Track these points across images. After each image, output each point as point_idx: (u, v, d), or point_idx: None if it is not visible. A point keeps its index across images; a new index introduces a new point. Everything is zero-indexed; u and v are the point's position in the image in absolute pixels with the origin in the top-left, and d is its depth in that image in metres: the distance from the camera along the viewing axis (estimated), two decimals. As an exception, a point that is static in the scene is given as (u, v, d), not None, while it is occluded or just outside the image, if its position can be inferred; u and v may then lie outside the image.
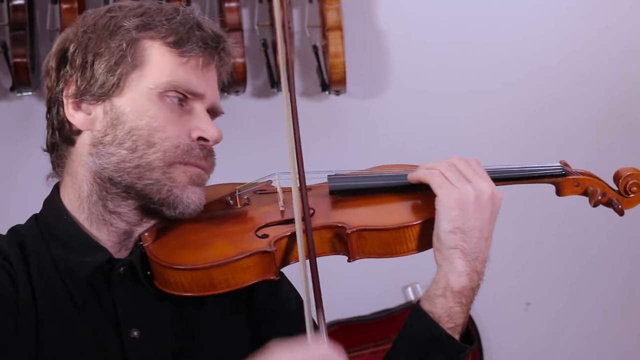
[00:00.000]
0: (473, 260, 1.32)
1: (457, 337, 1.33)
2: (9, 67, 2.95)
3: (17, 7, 2.90)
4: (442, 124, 3.28)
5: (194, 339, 1.38)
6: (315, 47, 3.13)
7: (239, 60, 3.02)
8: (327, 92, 3.16)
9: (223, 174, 1.48)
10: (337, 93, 3.16)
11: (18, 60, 2.87)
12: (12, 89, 2.96)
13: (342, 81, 3.08)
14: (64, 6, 2.85)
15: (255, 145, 3.15)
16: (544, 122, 3.37)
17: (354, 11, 3.20)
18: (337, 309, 3.18)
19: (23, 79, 2.90)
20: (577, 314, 3.46)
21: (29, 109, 3.05)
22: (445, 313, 1.31)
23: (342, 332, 3.20)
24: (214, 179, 1.47)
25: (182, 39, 1.33)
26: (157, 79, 1.32)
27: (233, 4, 3.01)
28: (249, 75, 3.08)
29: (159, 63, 1.32)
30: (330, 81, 3.10)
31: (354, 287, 3.10)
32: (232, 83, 3.05)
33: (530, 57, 3.35)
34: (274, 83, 3.12)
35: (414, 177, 1.40)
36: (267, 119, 3.11)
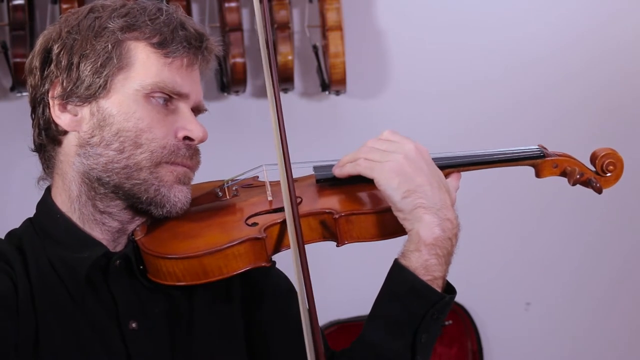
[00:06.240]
0: (439, 210, 1.33)
1: (437, 289, 1.33)
2: (9, 67, 2.95)
3: (17, 7, 2.90)
4: (442, 124, 3.28)
5: (189, 330, 1.39)
6: (315, 47, 3.13)
7: (239, 60, 3.02)
8: (327, 92, 3.17)
9: (224, 173, 1.49)
10: (337, 93, 3.16)
11: (18, 60, 2.87)
12: (12, 89, 2.96)
13: (342, 81, 3.09)
14: (64, 6, 2.85)
15: (255, 145, 3.14)
16: (545, 121, 3.37)
17: (354, 11, 3.20)
18: (337, 309, 3.18)
19: (23, 79, 2.90)
20: (577, 313, 3.46)
21: (29, 109, 3.04)
22: (421, 266, 1.32)
23: (342, 332, 3.20)
24: (214, 178, 1.47)
25: (166, 40, 1.34)
26: (143, 80, 1.33)
27: (233, 4, 3.01)
28: (249, 75, 3.07)
29: (145, 64, 1.33)
30: (330, 81, 3.10)
31: (354, 287, 3.10)
32: (232, 83, 3.05)
33: (530, 57, 3.35)
34: (274, 83, 3.12)
35: (342, 173, 1.40)
36: (267, 118, 3.09)
